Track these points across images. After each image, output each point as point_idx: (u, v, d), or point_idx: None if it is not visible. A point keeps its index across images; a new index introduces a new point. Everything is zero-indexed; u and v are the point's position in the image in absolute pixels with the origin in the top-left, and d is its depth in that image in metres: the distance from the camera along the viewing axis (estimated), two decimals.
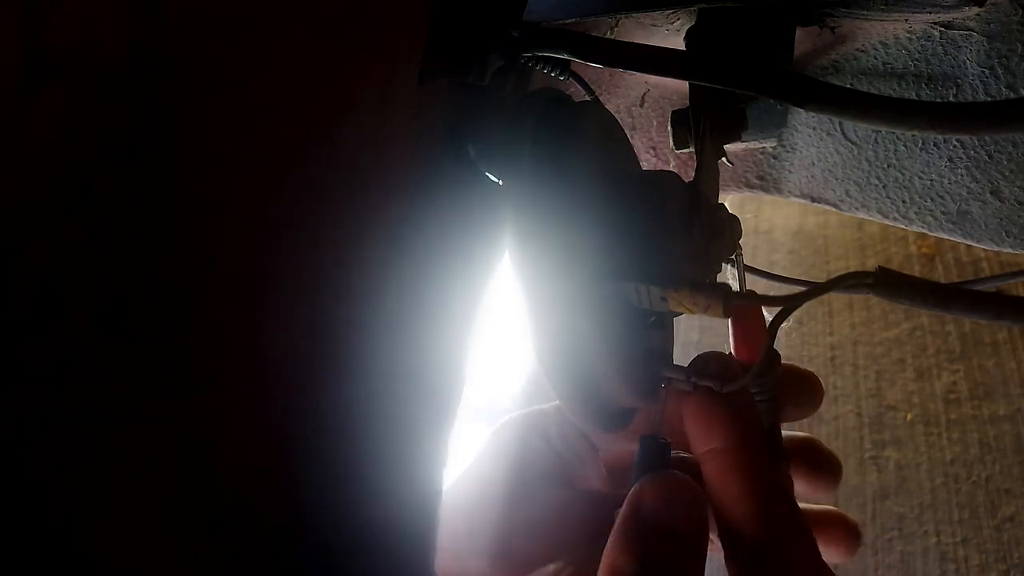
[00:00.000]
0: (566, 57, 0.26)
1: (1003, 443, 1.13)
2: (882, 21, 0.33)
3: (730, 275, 0.33)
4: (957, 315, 0.19)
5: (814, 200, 0.45)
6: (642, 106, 0.45)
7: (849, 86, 0.37)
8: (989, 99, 0.35)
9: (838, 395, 1.23)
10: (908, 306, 0.20)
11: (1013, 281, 0.41)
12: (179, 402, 0.15)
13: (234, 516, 0.17)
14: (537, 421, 0.33)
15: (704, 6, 0.31)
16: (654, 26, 0.35)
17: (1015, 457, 1.11)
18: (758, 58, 0.33)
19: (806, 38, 0.36)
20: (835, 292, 0.21)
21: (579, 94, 0.34)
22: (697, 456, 0.26)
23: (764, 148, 0.44)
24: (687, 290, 0.23)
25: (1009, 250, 0.40)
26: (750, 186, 0.47)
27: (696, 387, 0.25)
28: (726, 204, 0.32)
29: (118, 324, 0.14)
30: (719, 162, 0.35)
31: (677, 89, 0.43)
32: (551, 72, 0.30)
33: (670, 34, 0.35)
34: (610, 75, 0.42)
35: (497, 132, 0.26)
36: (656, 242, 0.25)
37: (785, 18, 0.33)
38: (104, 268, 0.13)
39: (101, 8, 0.12)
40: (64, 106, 0.12)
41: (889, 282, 0.20)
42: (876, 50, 0.37)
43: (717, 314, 0.23)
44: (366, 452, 0.21)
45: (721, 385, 0.25)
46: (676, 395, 0.27)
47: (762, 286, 0.32)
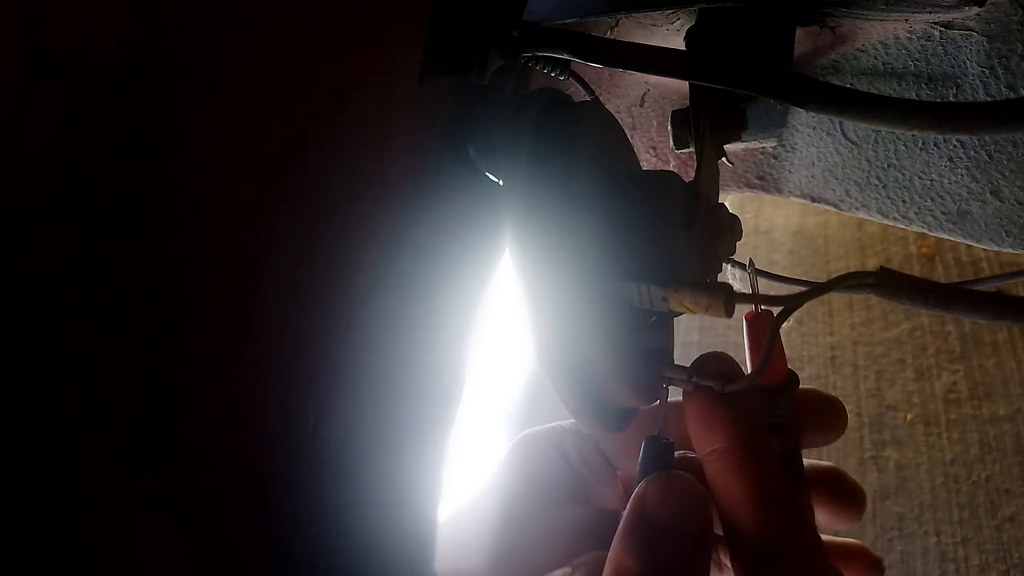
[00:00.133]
0: (566, 57, 0.26)
1: (1003, 443, 1.13)
2: (882, 21, 0.33)
3: (729, 275, 0.33)
4: (957, 315, 0.19)
5: (814, 200, 0.45)
6: (642, 106, 0.45)
7: (849, 86, 0.37)
8: (989, 99, 0.35)
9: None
10: (908, 306, 0.20)
11: (1013, 281, 0.41)
12: (178, 401, 0.15)
13: (232, 516, 0.17)
14: (556, 437, 0.33)
15: (704, 6, 0.31)
16: (654, 26, 0.35)
17: (1015, 457, 1.11)
18: (758, 58, 0.33)
19: (806, 38, 0.36)
20: (835, 292, 0.21)
21: (579, 94, 0.34)
22: (700, 456, 0.26)
23: (764, 148, 0.44)
24: (688, 290, 0.23)
25: (1009, 250, 0.40)
26: (750, 186, 0.47)
27: (697, 387, 0.25)
28: (726, 204, 0.32)
29: (118, 324, 0.14)
30: (719, 162, 0.35)
31: (677, 89, 0.43)
32: (551, 72, 0.30)
33: (670, 34, 0.35)
34: (610, 75, 0.42)
35: (497, 132, 0.26)
36: (657, 242, 0.25)
37: (785, 18, 0.33)
38: (104, 268, 0.13)
39: (101, 8, 0.12)
40: (64, 106, 0.12)
41: (890, 282, 0.20)
42: (876, 50, 0.37)
43: (718, 314, 0.23)
44: (366, 452, 0.21)
45: (722, 385, 0.25)
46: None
47: (762, 286, 0.32)
